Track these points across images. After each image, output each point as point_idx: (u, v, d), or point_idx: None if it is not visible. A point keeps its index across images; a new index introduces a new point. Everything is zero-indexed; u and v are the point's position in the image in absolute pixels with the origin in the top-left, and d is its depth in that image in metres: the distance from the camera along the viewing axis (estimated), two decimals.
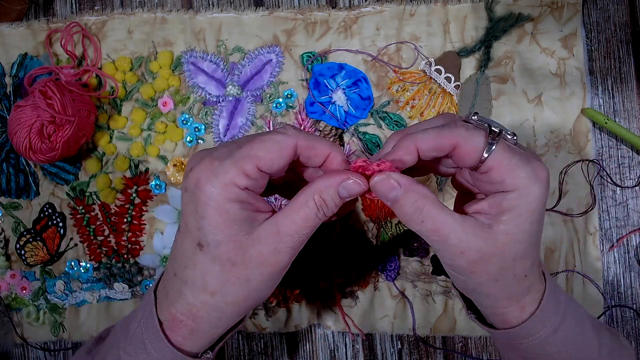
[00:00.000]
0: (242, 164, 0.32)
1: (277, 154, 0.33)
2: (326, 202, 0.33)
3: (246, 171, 0.32)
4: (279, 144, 0.33)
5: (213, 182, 0.32)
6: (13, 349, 0.59)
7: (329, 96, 0.56)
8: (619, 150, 0.56)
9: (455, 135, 0.33)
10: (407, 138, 0.34)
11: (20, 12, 0.58)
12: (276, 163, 0.33)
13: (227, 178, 0.32)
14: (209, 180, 0.32)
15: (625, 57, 0.56)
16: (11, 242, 0.58)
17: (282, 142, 0.33)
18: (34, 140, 0.50)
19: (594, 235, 0.55)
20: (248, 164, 0.32)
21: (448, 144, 0.33)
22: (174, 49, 0.57)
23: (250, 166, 0.32)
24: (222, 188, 0.32)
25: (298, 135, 0.34)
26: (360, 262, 0.57)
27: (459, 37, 0.56)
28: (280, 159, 0.33)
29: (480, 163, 0.33)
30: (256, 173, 0.32)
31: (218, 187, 0.32)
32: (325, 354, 0.58)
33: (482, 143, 0.32)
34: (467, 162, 0.33)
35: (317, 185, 0.34)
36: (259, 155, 0.32)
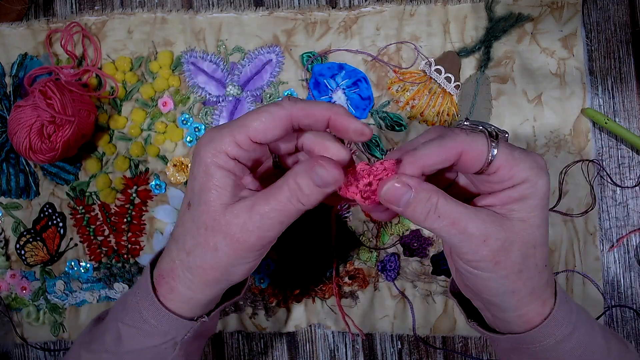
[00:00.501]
0: (235, 133, 0.33)
1: (271, 124, 0.33)
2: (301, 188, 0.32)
3: (238, 140, 0.33)
4: (272, 114, 0.33)
5: (207, 146, 0.33)
6: (13, 349, 0.59)
7: (329, 96, 0.56)
8: (619, 150, 0.56)
9: (459, 144, 0.33)
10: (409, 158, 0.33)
11: (20, 12, 0.58)
12: (269, 133, 0.33)
13: (220, 145, 0.33)
14: (205, 145, 0.34)
15: (625, 57, 0.56)
16: (11, 242, 0.58)
17: (275, 113, 0.33)
18: (34, 140, 0.50)
19: (594, 235, 0.55)
20: (240, 133, 0.33)
21: (453, 153, 0.33)
22: (174, 49, 0.57)
23: (242, 136, 0.33)
24: (213, 154, 0.33)
25: (293, 106, 0.34)
26: (360, 261, 0.57)
27: (459, 37, 0.56)
28: (273, 129, 0.33)
29: (486, 166, 0.33)
30: (248, 143, 0.33)
31: (209, 152, 0.33)
32: (325, 354, 0.58)
33: (485, 145, 0.33)
34: (475, 167, 0.33)
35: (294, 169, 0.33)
36: (252, 125, 0.33)
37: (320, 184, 0.32)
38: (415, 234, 0.56)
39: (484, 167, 0.33)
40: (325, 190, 0.33)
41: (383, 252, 0.57)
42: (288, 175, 0.33)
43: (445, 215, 0.32)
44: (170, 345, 0.37)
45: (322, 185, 0.32)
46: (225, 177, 0.33)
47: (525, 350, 0.37)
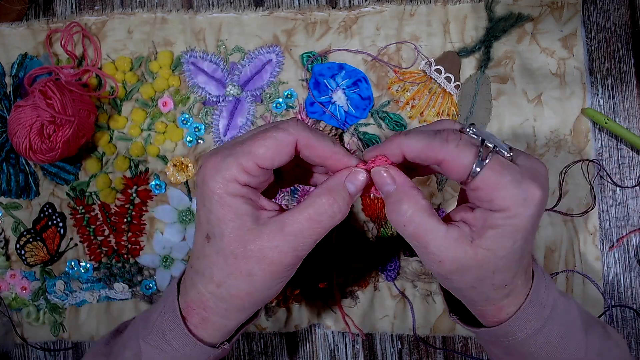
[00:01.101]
0: (242, 161, 0.33)
1: (276, 151, 0.33)
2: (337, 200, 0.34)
3: (246, 168, 0.33)
4: (278, 142, 0.33)
5: (216, 177, 0.33)
6: (13, 349, 0.59)
7: (329, 96, 0.56)
8: (619, 150, 0.56)
9: (443, 152, 0.32)
10: (396, 139, 0.34)
11: (20, 12, 0.58)
12: (276, 160, 0.33)
13: (228, 174, 0.33)
14: (212, 176, 0.33)
15: (625, 57, 0.56)
16: (11, 242, 0.58)
17: (282, 140, 0.33)
18: (34, 140, 0.50)
19: (594, 235, 0.55)
20: (248, 161, 0.33)
21: (434, 157, 0.33)
22: (174, 49, 0.57)
23: (250, 163, 0.33)
24: (224, 184, 0.33)
25: (299, 133, 0.34)
26: (360, 262, 0.57)
27: (459, 37, 0.56)
28: (280, 155, 0.33)
29: (468, 180, 0.32)
30: (256, 170, 0.33)
31: (220, 182, 0.33)
32: (325, 354, 0.58)
33: (469, 162, 0.32)
34: (454, 177, 0.33)
35: (325, 185, 0.34)
36: (258, 152, 0.33)
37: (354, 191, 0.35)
38: None
39: (464, 182, 0.32)
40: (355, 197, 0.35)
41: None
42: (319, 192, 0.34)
43: (412, 226, 0.33)
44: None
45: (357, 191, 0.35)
46: (243, 204, 0.33)
47: (500, 342, 0.38)
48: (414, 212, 0.33)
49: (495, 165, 0.31)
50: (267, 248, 0.33)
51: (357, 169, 0.35)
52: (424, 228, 0.33)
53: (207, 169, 0.33)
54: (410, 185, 0.34)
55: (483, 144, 0.32)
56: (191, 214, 0.57)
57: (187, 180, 0.57)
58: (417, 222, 0.33)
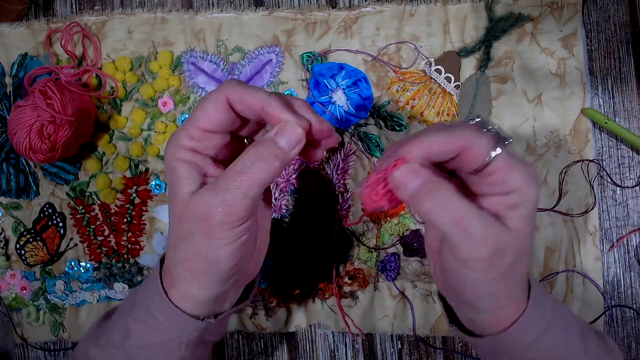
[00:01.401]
0: (187, 127, 0.35)
1: (212, 112, 0.34)
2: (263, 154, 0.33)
3: (190, 133, 0.35)
4: (211, 102, 0.35)
5: (168, 146, 0.36)
6: (13, 349, 0.59)
7: (329, 96, 0.56)
8: (619, 150, 0.56)
9: (466, 137, 0.32)
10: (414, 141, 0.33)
11: (20, 12, 0.58)
12: (214, 119, 0.35)
13: (176, 142, 0.35)
14: (167, 146, 0.36)
15: (625, 57, 0.56)
16: (11, 242, 0.58)
17: (213, 98, 0.35)
18: (34, 140, 0.50)
19: (594, 235, 0.55)
20: (191, 127, 0.35)
21: (458, 145, 0.33)
22: (174, 49, 0.57)
23: (193, 128, 0.35)
24: (173, 150, 0.35)
25: (229, 88, 0.34)
26: (360, 262, 0.57)
27: (459, 37, 0.56)
28: (216, 114, 0.35)
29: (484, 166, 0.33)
30: (199, 133, 0.35)
31: (170, 149, 0.35)
32: (325, 354, 0.58)
33: (488, 145, 0.32)
34: (472, 165, 0.33)
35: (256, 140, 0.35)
36: (198, 116, 0.35)
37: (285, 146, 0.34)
38: (416, 233, 0.56)
39: (481, 167, 0.33)
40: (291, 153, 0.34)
41: (383, 252, 0.57)
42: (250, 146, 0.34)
43: (451, 210, 0.32)
44: (176, 343, 0.38)
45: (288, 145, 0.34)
46: (187, 168, 0.35)
47: (502, 351, 0.37)
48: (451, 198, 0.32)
49: (506, 150, 0.33)
50: (199, 205, 0.34)
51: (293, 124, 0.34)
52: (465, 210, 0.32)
53: (167, 141, 0.36)
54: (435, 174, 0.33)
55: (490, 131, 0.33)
56: None
57: None
58: (456, 207, 0.32)
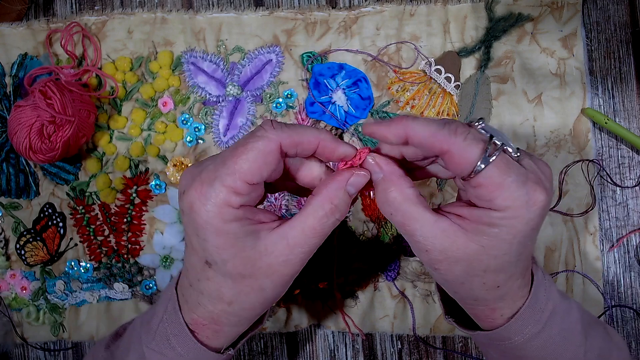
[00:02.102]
0: (229, 182, 0.31)
1: (262, 162, 0.31)
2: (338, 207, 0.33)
3: (236, 189, 0.31)
4: (261, 152, 0.31)
5: (207, 206, 0.31)
6: (13, 349, 0.59)
7: (329, 96, 0.56)
8: (619, 150, 0.56)
9: (450, 143, 0.31)
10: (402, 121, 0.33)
11: (20, 12, 0.58)
12: (264, 171, 0.32)
13: (219, 200, 0.31)
14: (202, 204, 0.31)
15: (625, 57, 0.56)
16: (11, 242, 0.58)
17: (264, 148, 0.31)
18: (34, 140, 0.50)
19: (594, 235, 0.55)
20: (236, 181, 0.31)
21: (439, 147, 0.32)
22: (174, 49, 0.57)
23: (239, 183, 0.31)
24: (217, 212, 0.31)
25: (280, 134, 0.32)
26: (361, 262, 0.57)
27: (459, 37, 0.56)
28: (267, 165, 0.32)
29: (471, 175, 0.31)
30: (246, 188, 0.31)
31: (212, 211, 0.31)
32: (325, 354, 0.58)
33: (476, 157, 0.30)
34: (457, 172, 0.32)
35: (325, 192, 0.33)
36: (244, 169, 0.31)
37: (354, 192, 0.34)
38: None
39: (467, 177, 0.31)
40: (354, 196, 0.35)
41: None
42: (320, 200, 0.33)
43: (399, 215, 0.33)
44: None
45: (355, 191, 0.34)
46: (241, 228, 0.32)
47: (497, 345, 0.38)
48: (400, 201, 0.33)
49: (501, 164, 0.30)
50: (275, 264, 0.33)
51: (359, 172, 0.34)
52: (411, 216, 0.33)
53: (194, 197, 0.31)
54: (399, 174, 0.34)
55: (491, 140, 0.31)
56: None
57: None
58: (403, 211, 0.33)
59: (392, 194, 0.33)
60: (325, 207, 0.33)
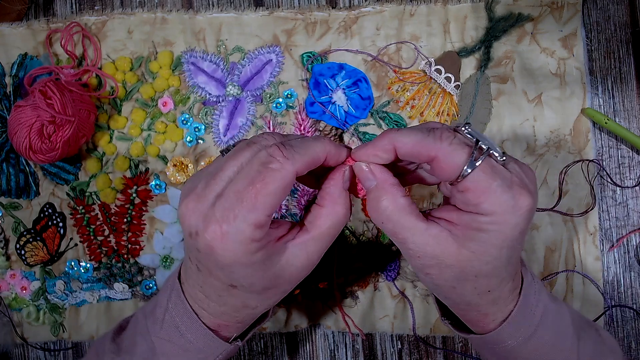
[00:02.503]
0: (253, 220, 0.30)
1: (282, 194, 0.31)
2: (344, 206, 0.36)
3: (258, 224, 0.30)
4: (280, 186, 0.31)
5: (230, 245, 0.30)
6: (13, 349, 0.59)
7: (329, 96, 0.56)
8: (619, 150, 0.56)
9: (436, 149, 0.32)
10: (388, 135, 0.33)
11: (20, 12, 0.58)
12: (283, 198, 0.32)
13: (244, 238, 0.30)
14: (225, 245, 0.30)
15: (625, 57, 0.56)
16: (11, 242, 0.58)
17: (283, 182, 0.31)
18: (34, 140, 0.50)
19: (594, 235, 0.55)
20: (259, 216, 0.30)
21: (426, 154, 0.32)
22: (174, 49, 0.57)
23: (262, 217, 0.30)
24: (243, 250, 0.31)
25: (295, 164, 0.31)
26: (361, 262, 0.57)
27: (459, 37, 0.56)
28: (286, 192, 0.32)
29: (458, 180, 0.31)
30: (268, 220, 0.32)
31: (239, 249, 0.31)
32: (325, 354, 0.58)
33: (462, 161, 0.31)
34: (444, 177, 0.32)
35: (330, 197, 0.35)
36: (267, 204, 0.30)
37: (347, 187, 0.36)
38: None
39: (454, 182, 0.32)
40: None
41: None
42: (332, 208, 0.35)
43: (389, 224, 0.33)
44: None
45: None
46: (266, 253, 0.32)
47: (491, 348, 0.38)
48: (392, 210, 0.33)
49: (487, 168, 0.31)
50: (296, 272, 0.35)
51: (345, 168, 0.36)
52: (402, 225, 0.33)
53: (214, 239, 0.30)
54: (391, 182, 0.34)
55: (477, 145, 0.31)
56: None
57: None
58: (394, 220, 0.33)
59: (384, 203, 0.33)
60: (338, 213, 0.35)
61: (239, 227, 0.30)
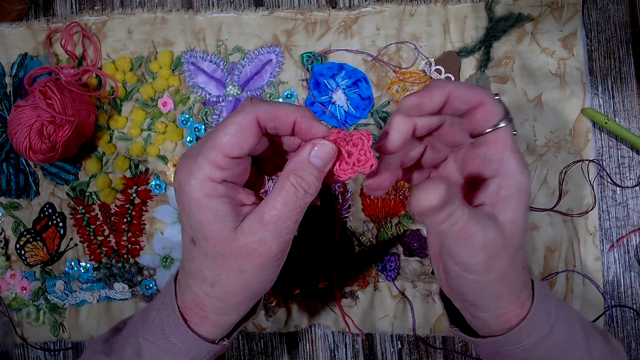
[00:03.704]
0: (211, 156, 0.32)
1: (241, 135, 0.32)
2: (304, 178, 0.33)
3: (216, 163, 0.32)
4: (239, 125, 0.32)
5: (190, 180, 0.32)
6: (13, 349, 0.59)
7: (329, 96, 0.56)
8: (619, 150, 0.56)
9: (485, 94, 0.33)
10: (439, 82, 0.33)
11: (20, 12, 0.58)
12: (244, 144, 0.32)
13: (202, 174, 0.32)
14: (187, 180, 0.32)
15: (625, 57, 0.56)
16: (11, 242, 0.58)
17: (241, 122, 0.32)
18: (34, 140, 0.50)
19: (594, 235, 0.55)
20: (216, 155, 0.32)
21: (478, 98, 0.33)
22: (174, 49, 0.57)
23: (219, 156, 0.32)
24: (200, 185, 0.32)
25: (257, 108, 0.32)
26: (360, 262, 0.57)
27: (459, 37, 0.56)
28: (246, 138, 0.32)
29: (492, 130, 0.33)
30: (227, 162, 0.32)
31: (195, 185, 0.32)
32: (325, 354, 0.58)
33: (502, 112, 0.33)
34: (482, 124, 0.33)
35: (290, 165, 0.33)
36: (224, 142, 0.32)
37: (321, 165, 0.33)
38: (416, 234, 0.56)
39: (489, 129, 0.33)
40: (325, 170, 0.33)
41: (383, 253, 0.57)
42: (285, 174, 0.33)
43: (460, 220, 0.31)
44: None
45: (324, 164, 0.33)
46: (222, 205, 0.32)
47: (506, 352, 0.37)
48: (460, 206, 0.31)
49: (510, 129, 0.33)
50: (251, 242, 0.33)
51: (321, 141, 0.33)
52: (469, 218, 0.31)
53: (181, 173, 0.33)
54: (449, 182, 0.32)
55: None
56: None
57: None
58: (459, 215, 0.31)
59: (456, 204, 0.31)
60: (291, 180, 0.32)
61: (199, 163, 0.32)
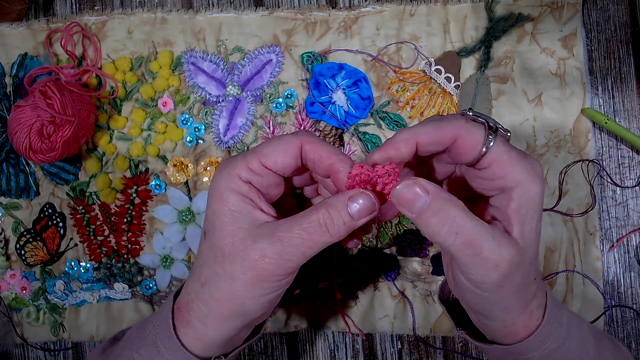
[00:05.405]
0: (249, 159, 0.34)
1: (281, 151, 0.34)
2: (333, 218, 0.32)
3: (251, 166, 0.34)
4: (284, 142, 0.34)
5: (221, 173, 0.34)
6: (13, 349, 0.59)
7: (329, 96, 0.56)
8: (619, 150, 0.56)
9: (455, 128, 0.32)
10: (404, 131, 0.32)
11: (20, 12, 0.58)
12: (279, 160, 0.34)
13: (232, 170, 0.34)
14: (219, 172, 0.34)
15: (625, 57, 0.56)
16: (11, 242, 0.58)
17: (288, 141, 0.34)
18: (34, 140, 0.50)
19: (594, 235, 0.55)
20: (253, 159, 0.34)
21: (448, 136, 0.32)
22: (174, 49, 0.57)
23: (255, 161, 0.34)
24: (227, 179, 0.34)
25: (305, 138, 0.34)
26: (361, 262, 0.57)
27: (459, 37, 0.56)
28: (283, 155, 0.34)
29: (480, 157, 0.31)
30: (260, 168, 0.34)
31: (223, 179, 0.34)
32: (325, 354, 0.58)
33: (482, 136, 0.31)
34: (467, 156, 0.32)
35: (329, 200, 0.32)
36: (264, 151, 0.34)
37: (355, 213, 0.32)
38: (416, 234, 0.56)
39: (478, 158, 0.32)
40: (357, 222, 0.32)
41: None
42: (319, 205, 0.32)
43: (463, 233, 0.30)
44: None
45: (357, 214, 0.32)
46: (240, 201, 0.33)
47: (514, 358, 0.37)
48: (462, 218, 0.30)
49: (503, 141, 0.32)
50: (252, 249, 0.32)
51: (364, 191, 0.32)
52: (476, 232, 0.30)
53: (219, 169, 0.35)
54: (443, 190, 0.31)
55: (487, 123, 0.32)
56: (191, 214, 0.57)
57: (187, 180, 0.57)
58: (468, 228, 0.30)
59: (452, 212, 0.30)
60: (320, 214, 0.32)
61: (236, 162, 0.34)
